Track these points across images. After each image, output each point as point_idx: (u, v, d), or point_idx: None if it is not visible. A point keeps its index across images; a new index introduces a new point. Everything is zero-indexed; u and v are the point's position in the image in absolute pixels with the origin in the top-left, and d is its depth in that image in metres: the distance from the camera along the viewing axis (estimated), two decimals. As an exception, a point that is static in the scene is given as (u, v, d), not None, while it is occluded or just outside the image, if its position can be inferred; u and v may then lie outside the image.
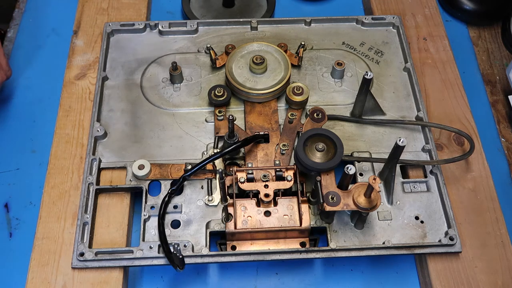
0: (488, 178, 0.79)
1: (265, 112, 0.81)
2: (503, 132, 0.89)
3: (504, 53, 0.99)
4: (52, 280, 0.69)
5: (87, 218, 0.72)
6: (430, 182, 0.77)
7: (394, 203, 0.75)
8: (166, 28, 0.91)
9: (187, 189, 0.75)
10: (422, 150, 0.80)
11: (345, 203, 0.67)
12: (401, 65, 0.89)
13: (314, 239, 0.73)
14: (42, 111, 0.87)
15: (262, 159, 0.76)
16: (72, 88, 0.86)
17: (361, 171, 0.77)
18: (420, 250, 0.70)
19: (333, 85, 0.87)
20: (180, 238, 0.71)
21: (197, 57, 0.89)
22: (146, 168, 0.75)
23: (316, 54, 0.90)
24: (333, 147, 0.70)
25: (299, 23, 0.94)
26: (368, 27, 0.94)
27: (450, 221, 0.72)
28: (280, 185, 0.72)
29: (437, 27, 0.96)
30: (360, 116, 0.82)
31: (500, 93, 0.94)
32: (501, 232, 0.75)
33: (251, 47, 0.86)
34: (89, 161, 0.76)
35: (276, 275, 0.75)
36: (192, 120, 0.82)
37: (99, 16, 0.96)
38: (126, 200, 0.75)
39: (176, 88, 0.86)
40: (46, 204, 0.75)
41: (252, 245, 0.71)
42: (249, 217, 0.70)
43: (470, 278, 0.71)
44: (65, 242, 0.72)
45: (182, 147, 0.79)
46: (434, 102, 0.87)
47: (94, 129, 0.79)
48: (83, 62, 0.89)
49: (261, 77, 0.83)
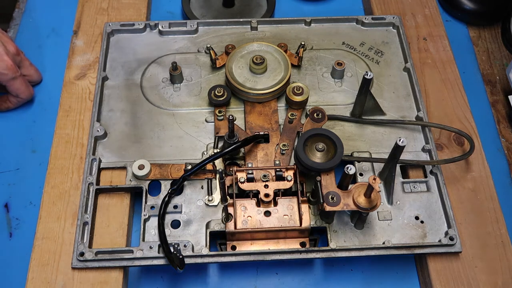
0: (488, 178, 0.79)
1: (265, 112, 0.81)
2: (503, 132, 0.89)
3: (504, 53, 0.99)
4: (52, 280, 0.69)
5: (87, 218, 0.72)
6: (430, 182, 0.77)
7: (394, 203, 0.75)
8: (166, 28, 0.91)
9: (187, 189, 0.75)
10: (422, 150, 0.80)
11: (345, 203, 0.67)
12: (401, 65, 0.89)
13: (314, 239, 0.73)
14: (42, 111, 0.87)
15: (262, 159, 0.76)
16: (72, 88, 0.86)
17: (361, 171, 0.77)
18: (420, 250, 0.70)
19: (333, 85, 0.87)
20: (180, 238, 0.71)
21: (197, 57, 0.89)
22: (146, 168, 0.75)
23: (316, 54, 0.90)
24: (333, 147, 0.70)
25: (299, 23, 0.94)
26: (368, 27, 0.94)
27: (450, 221, 0.72)
28: (280, 185, 0.72)
29: (437, 27, 0.96)
30: (360, 116, 0.82)
31: (500, 93, 0.94)
32: (501, 232, 0.75)
33: (251, 47, 0.86)
34: (89, 161, 0.76)
35: (276, 275, 0.75)
36: (192, 120, 0.82)
37: (99, 16, 0.96)
38: (126, 200, 0.76)
39: (176, 88, 0.86)
40: (46, 204, 0.75)
41: (252, 245, 0.71)
42: (249, 217, 0.70)
43: (470, 278, 0.71)
44: (65, 242, 0.72)
45: (182, 147, 0.79)
46: (434, 102, 0.87)
47: (94, 129, 0.79)
48: (83, 62, 0.89)
49: (261, 77, 0.83)
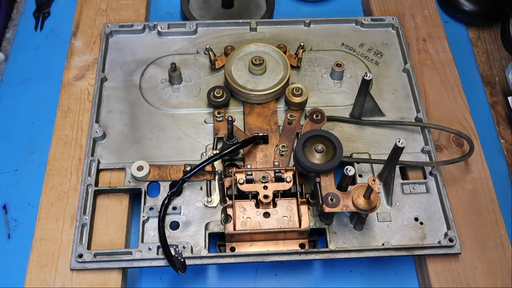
0: (487, 180, 0.79)
1: (264, 113, 0.81)
2: (503, 133, 0.89)
3: (503, 54, 0.99)
4: (51, 282, 0.69)
5: (86, 220, 0.72)
6: (430, 183, 0.77)
7: (394, 204, 0.74)
8: (165, 29, 0.91)
9: (186, 191, 0.75)
10: (421, 151, 0.80)
11: (345, 204, 0.67)
12: (400, 66, 0.89)
13: (314, 240, 0.73)
14: (41, 112, 0.87)
15: (261, 160, 0.76)
16: (71, 89, 0.86)
17: (360, 172, 0.77)
18: (419, 251, 0.70)
19: (333, 86, 0.86)
20: (179, 240, 0.71)
21: (196, 58, 0.89)
22: (145, 169, 0.75)
23: (315, 55, 0.90)
24: (332, 148, 0.70)
25: (299, 24, 0.94)
26: (367, 28, 0.94)
27: (450, 222, 0.72)
28: (279, 186, 0.72)
29: (436, 28, 0.96)
30: (359, 117, 0.82)
31: (500, 94, 0.94)
32: (501, 234, 0.75)
33: (250, 48, 0.85)
34: (88, 162, 0.76)
35: (275, 277, 0.75)
36: (191, 121, 0.82)
37: (98, 17, 0.96)
38: (125, 201, 0.75)
39: (175, 89, 0.85)
40: (44, 205, 0.75)
41: (251, 246, 0.71)
42: (248, 218, 0.70)
43: (470, 279, 0.71)
44: (64, 244, 0.72)
45: (181, 148, 0.79)
46: (434, 103, 0.87)
47: (92, 130, 0.79)
48: (82, 63, 0.89)
49: (260, 78, 0.83)
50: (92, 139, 0.78)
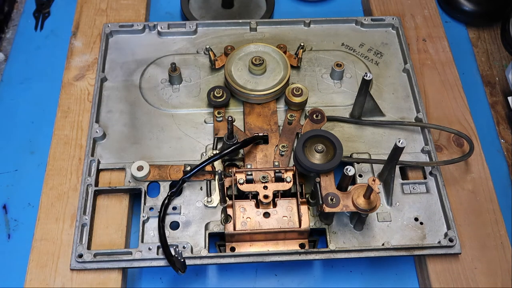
0: (487, 180, 0.79)
1: (264, 113, 0.81)
2: (503, 133, 0.89)
3: (503, 54, 0.99)
4: (51, 282, 0.69)
5: (86, 220, 0.72)
6: (430, 183, 0.76)
7: (394, 204, 0.74)
8: (165, 29, 0.91)
9: (186, 191, 0.75)
10: (421, 151, 0.80)
11: (345, 205, 0.67)
12: (400, 66, 0.89)
13: (314, 240, 0.73)
14: (41, 112, 0.87)
15: (261, 160, 0.76)
16: (71, 89, 0.86)
17: (360, 173, 0.77)
18: (419, 251, 0.70)
19: (333, 86, 0.86)
20: (179, 240, 0.71)
21: (196, 58, 0.89)
22: (145, 170, 0.75)
23: (315, 55, 0.90)
24: (332, 148, 0.70)
25: (299, 24, 0.94)
26: (367, 28, 0.94)
27: (450, 222, 0.72)
28: (279, 186, 0.72)
29: (436, 28, 0.96)
30: (359, 117, 0.82)
31: (500, 94, 0.94)
32: (501, 234, 0.75)
33: (250, 48, 0.85)
34: (88, 162, 0.76)
35: (275, 277, 0.75)
36: (191, 121, 0.82)
37: (98, 17, 0.96)
38: (125, 201, 0.75)
39: (175, 89, 0.85)
40: (44, 205, 0.75)
41: (251, 246, 0.71)
42: (248, 219, 0.70)
43: (470, 279, 0.71)
44: (64, 244, 0.72)
45: (181, 148, 0.79)
46: (434, 103, 0.87)
47: (92, 130, 0.79)
48: (82, 63, 0.89)
49: (260, 78, 0.83)
50: (92, 139, 0.78)
